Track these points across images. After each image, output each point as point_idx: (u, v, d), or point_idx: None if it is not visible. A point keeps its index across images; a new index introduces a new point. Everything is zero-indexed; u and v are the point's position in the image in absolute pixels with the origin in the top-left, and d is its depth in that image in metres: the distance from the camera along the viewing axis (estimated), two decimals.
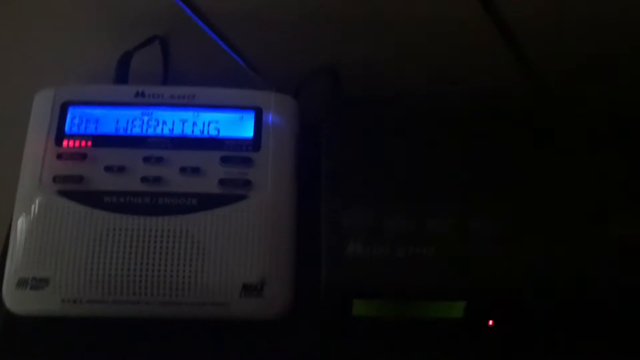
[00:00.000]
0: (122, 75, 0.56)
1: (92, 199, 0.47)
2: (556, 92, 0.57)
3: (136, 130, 0.50)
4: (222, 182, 0.48)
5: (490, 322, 0.47)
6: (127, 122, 0.50)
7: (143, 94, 0.51)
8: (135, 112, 0.50)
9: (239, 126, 0.51)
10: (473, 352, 0.48)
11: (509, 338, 0.47)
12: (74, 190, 0.47)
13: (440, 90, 0.54)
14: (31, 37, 0.60)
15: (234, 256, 0.46)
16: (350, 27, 0.58)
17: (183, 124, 0.50)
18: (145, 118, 0.50)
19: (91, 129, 0.50)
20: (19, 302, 0.46)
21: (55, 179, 0.48)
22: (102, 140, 0.49)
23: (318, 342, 0.48)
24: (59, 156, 0.49)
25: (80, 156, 0.49)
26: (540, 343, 0.47)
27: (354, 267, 0.44)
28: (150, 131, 0.50)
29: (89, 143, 0.49)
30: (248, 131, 0.50)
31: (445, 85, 0.59)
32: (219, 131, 0.50)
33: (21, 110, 0.52)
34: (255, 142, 0.50)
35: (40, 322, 0.47)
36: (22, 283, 0.46)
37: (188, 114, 0.51)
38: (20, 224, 0.47)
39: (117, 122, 0.50)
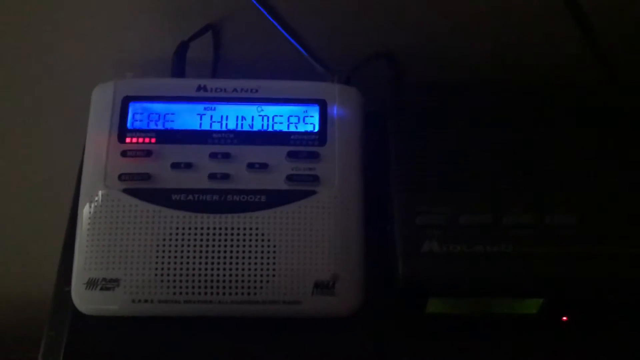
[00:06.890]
0: (179, 66, 0.55)
1: (160, 197, 0.46)
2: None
3: (200, 126, 0.49)
4: (289, 177, 0.47)
5: (565, 318, 0.47)
6: (191, 117, 0.49)
7: (205, 88, 0.50)
8: (198, 107, 0.49)
9: (304, 120, 0.50)
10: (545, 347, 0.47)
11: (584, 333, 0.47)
12: (141, 188, 0.47)
13: (507, 76, 0.52)
14: (85, 29, 0.59)
15: (305, 253, 0.46)
16: (407, 11, 0.56)
17: (247, 118, 0.49)
18: (209, 113, 0.49)
19: (154, 125, 0.49)
20: (88, 302, 0.46)
21: (121, 177, 0.47)
22: (166, 136, 0.48)
23: (388, 339, 0.48)
24: (124, 153, 0.48)
25: (145, 153, 0.48)
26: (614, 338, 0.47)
27: (430, 265, 0.44)
28: (215, 126, 0.49)
29: (153, 139, 0.48)
30: (313, 125, 0.49)
31: (506, 70, 0.57)
32: (284, 125, 0.49)
33: (78, 102, 0.52)
34: (321, 136, 0.49)
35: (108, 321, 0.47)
36: (91, 283, 0.46)
37: (252, 108, 0.50)
38: (86, 222, 0.47)
39: (181, 117, 0.49)
